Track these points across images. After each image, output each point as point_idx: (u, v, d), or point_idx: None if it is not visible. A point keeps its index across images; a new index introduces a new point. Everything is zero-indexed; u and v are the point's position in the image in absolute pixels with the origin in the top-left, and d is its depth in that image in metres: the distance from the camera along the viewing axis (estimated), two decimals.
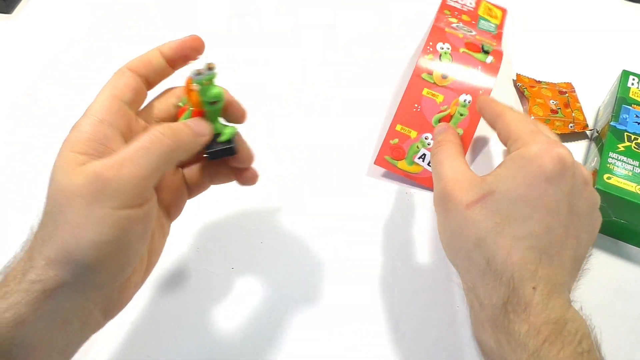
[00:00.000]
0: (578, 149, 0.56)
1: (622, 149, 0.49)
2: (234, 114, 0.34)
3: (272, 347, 0.41)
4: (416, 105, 0.53)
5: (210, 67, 0.31)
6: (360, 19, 0.67)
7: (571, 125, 0.56)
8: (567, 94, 0.59)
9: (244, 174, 0.36)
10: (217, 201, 0.47)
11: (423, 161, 0.52)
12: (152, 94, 0.35)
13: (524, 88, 0.59)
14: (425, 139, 0.52)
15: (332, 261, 0.46)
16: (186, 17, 0.66)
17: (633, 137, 0.50)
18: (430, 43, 0.55)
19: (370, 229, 0.48)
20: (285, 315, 0.43)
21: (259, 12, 0.67)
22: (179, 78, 0.34)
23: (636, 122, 0.51)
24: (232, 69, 0.60)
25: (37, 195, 0.49)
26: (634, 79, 0.55)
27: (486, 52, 0.55)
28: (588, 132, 0.57)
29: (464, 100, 0.53)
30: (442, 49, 0.55)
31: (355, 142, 0.54)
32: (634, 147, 0.49)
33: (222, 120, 0.34)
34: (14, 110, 0.55)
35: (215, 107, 0.32)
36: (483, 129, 0.55)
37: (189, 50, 0.33)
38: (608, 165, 0.47)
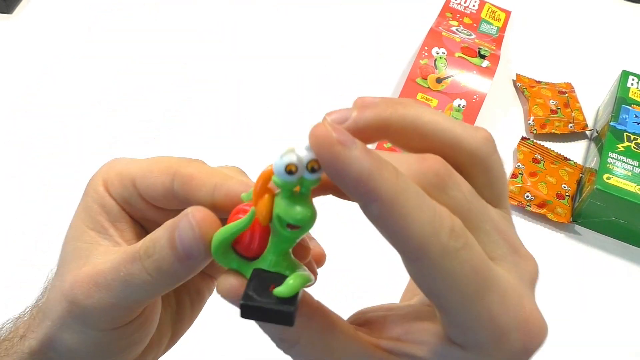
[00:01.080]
0: (578, 149, 0.56)
1: (622, 149, 0.49)
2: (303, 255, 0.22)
3: (273, 347, 0.41)
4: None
5: (314, 167, 0.17)
6: (359, 22, 0.67)
7: (571, 125, 0.56)
8: (566, 94, 0.59)
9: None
10: None
11: None
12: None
13: (523, 88, 0.60)
14: None
15: (333, 261, 0.46)
16: (186, 17, 0.66)
17: (633, 137, 0.50)
18: (426, 48, 0.55)
19: (369, 228, 0.48)
20: None
21: (258, 14, 0.67)
22: None
23: (636, 122, 0.51)
24: (231, 69, 0.60)
25: (36, 195, 0.50)
26: (633, 79, 0.55)
27: (482, 57, 0.56)
28: (588, 132, 0.57)
29: (458, 105, 0.53)
30: (438, 53, 0.55)
31: None
32: (634, 147, 0.49)
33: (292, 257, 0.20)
34: (13, 110, 0.55)
35: (292, 235, 0.19)
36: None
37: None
38: (608, 165, 0.47)
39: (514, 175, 0.51)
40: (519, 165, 0.52)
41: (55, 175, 0.49)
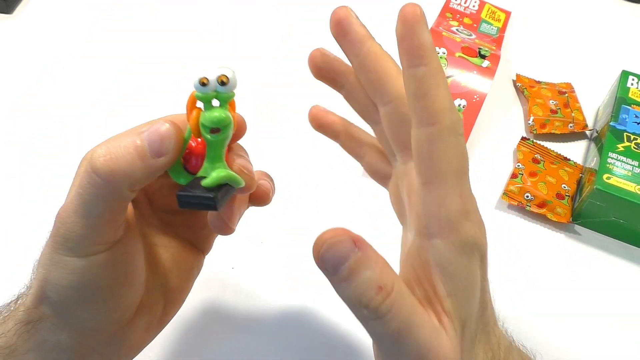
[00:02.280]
0: (577, 149, 0.56)
1: (622, 149, 0.49)
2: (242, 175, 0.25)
3: (273, 346, 0.41)
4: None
5: (222, 81, 0.23)
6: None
7: (571, 125, 0.56)
8: (566, 94, 0.59)
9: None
10: None
11: None
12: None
13: (523, 88, 0.60)
14: None
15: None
16: (187, 16, 0.66)
17: (632, 137, 0.50)
18: None
19: (369, 228, 0.48)
20: (286, 314, 0.43)
21: (258, 13, 0.67)
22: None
23: (635, 122, 0.51)
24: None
25: (36, 195, 0.50)
26: (633, 79, 0.55)
27: (483, 57, 0.56)
28: (587, 132, 0.57)
29: (459, 105, 0.53)
30: (438, 53, 0.55)
31: None
32: (634, 147, 0.49)
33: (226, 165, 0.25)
34: (13, 110, 0.55)
35: (216, 137, 0.24)
36: (478, 131, 0.55)
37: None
38: (607, 165, 0.47)
39: (513, 175, 0.51)
40: (518, 165, 0.52)
41: (55, 176, 0.49)
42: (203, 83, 0.23)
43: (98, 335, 0.26)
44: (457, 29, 0.60)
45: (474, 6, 0.64)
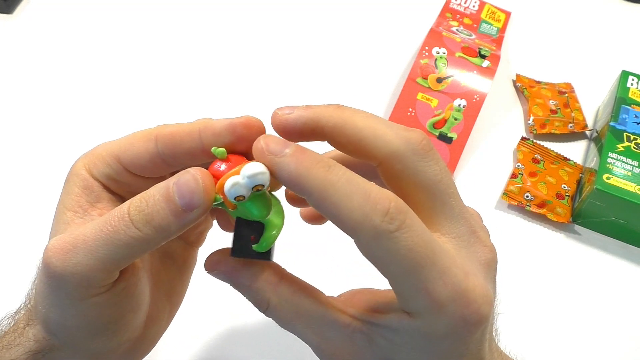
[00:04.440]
0: (577, 149, 0.56)
1: (622, 149, 0.49)
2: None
3: (273, 346, 0.41)
4: (410, 109, 0.53)
5: (258, 190, 0.21)
6: (359, 22, 0.67)
7: (570, 125, 0.56)
8: (566, 94, 0.59)
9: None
10: None
11: None
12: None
13: (523, 88, 0.60)
14: None
15: (334, 260, 0.46)
16: (187, 16, 0.66)
17: (632, 137, 0.50)
18: (426, 47, 0.55)
19: None
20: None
21: (257, 14, 0.67)
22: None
23: (635, 122, 0.51)
24: (232, 70, 0.60)
25: (35, 195, 0.49)
26: (633, 79, 0.55)
27: (483, 57, 0.56)
28: (587, 132, 0.57)
29: (459, 105, 0.53)
30: (438, 53, 0.55)
31: None
32: (634, 147, 0.49)
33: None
34: (13, 110, 0.55)
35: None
36: (478, 131, 0.55)
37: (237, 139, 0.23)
38: (607, 165, 0.48)
39: (513, 175, 0.51)
40: (518, 165, 0.52)
41: (55, 176, 0.49)
42: (240, 200, 0.21)
43: (111, 355, 0.26)
44: (457, 29, 0.60)
45: (474, 6, 0.64)
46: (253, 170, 0.21)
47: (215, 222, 0.30)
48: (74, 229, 0.23)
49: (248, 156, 0.23)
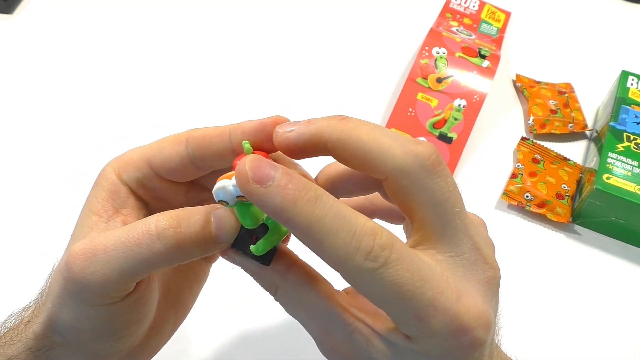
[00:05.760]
0: (577, 149, 0.56)
1: (622, 149, 0.49)
2: None
3: (274, 346, 0.41)
4: (410, 109, 0.53)
5: (242, 201, 0.22)
6: (359, 22, 0.67)
7: (570, 125, 0.56)
8: (566, 94, 0.59)
9: None
10: None
11: None
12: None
13: (523, 88, 0.60)
14: None
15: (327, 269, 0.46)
16: (187, 16, 0.66)
17: (632, 137, 0.50)
18: (426, 47, 0.56)
19: None
20: (287, 314, 0.43)
21: (257, 14, 0.67)
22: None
23: (635, 122, 0.51)
24: (232, 70, 0.60)
25: (36, 196, 0.50)
26: (633, 79, 0.55)
27: (483, 57, 0.56)
28: (587, 132, 0.57)
29: (459, 105, 0.53)
30: (438, 53, 0.55)
31: None
32: (633, 147, 0.49)
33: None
34: (14, 111, 0.55)
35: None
36: (478, 131, 0.55)
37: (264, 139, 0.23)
38: (607, 165, 0.48)
39: (513, 175, 0.51)
40: (518, 165, 0.52)
41: (54, 177, 0.49)
42: (223, 204, 0.22)
43: (110, 359, 0.26)
44: (457, 29, 0.60)
45: (474, 6, 0.64)
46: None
47: None
48: (96, 234, 0.23)
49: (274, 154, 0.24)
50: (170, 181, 0.25)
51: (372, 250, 0.19)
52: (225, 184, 0.21)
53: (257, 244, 0.23)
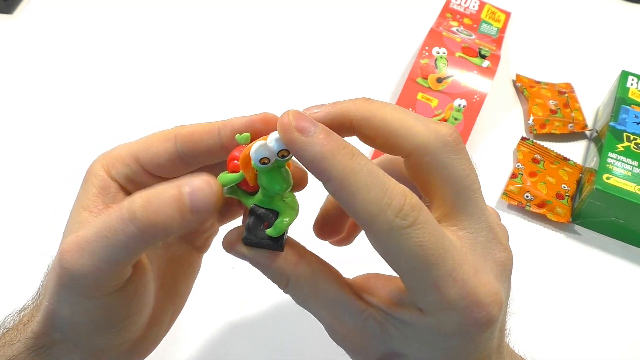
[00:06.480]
0: (577, 149, 0.56)
1: (622, 149, 0.49)
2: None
3: (274, 346, 0.41)
4: (410, 109, 0.53)
5: (283, 155, 0.22)
6: (359, 22, 0.67)
7: (570, 125, 0.56)
8: (566, 94, 0.59)
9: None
10: None
11: None
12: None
13: (523, 88, 0.60)
14: None
15: (335, 260, 0.46)
16: (187, 16, 0.66)
17: (632, 137, 0.50)
18: (427, 47, 0.56)
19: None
20: (287, 314, 0.43)
21: (257, 14, 0.67)
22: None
23: (635, 122, 0.51)
24: (232, 70, 0.60)
25: (35, 196, 0.50)
26: (633, 79, 0.55)
27: (483, 57, 0.56)
28: (587, 132, 0.57)
29: (459, 105, 0.53)
30: (438, 53, 0.55)
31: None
32: (633, 147, 0.49)
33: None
34: (14, 111, 0.55)
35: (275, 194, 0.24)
36: (478, 131, 0.55)
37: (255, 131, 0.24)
38: (607, 165, 0.48)
39: (513, 175, 0.51)
40: (518, 165, 0.52)
41: (53, 177, 0.49)
42: (264, 163, 0.22)
43: (111, 353, 0.26)
44: (457, 29, 0.60)
45: (474, 6, 0.64)
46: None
47: (220, 228, 0.31)
48: (83, 228, 0.23)
49: None
50: (159, 177, 0.25)
51: (402, 208, 0.20)
52: (263, 142, 0.21)
53: (274, 225, 0.23)
